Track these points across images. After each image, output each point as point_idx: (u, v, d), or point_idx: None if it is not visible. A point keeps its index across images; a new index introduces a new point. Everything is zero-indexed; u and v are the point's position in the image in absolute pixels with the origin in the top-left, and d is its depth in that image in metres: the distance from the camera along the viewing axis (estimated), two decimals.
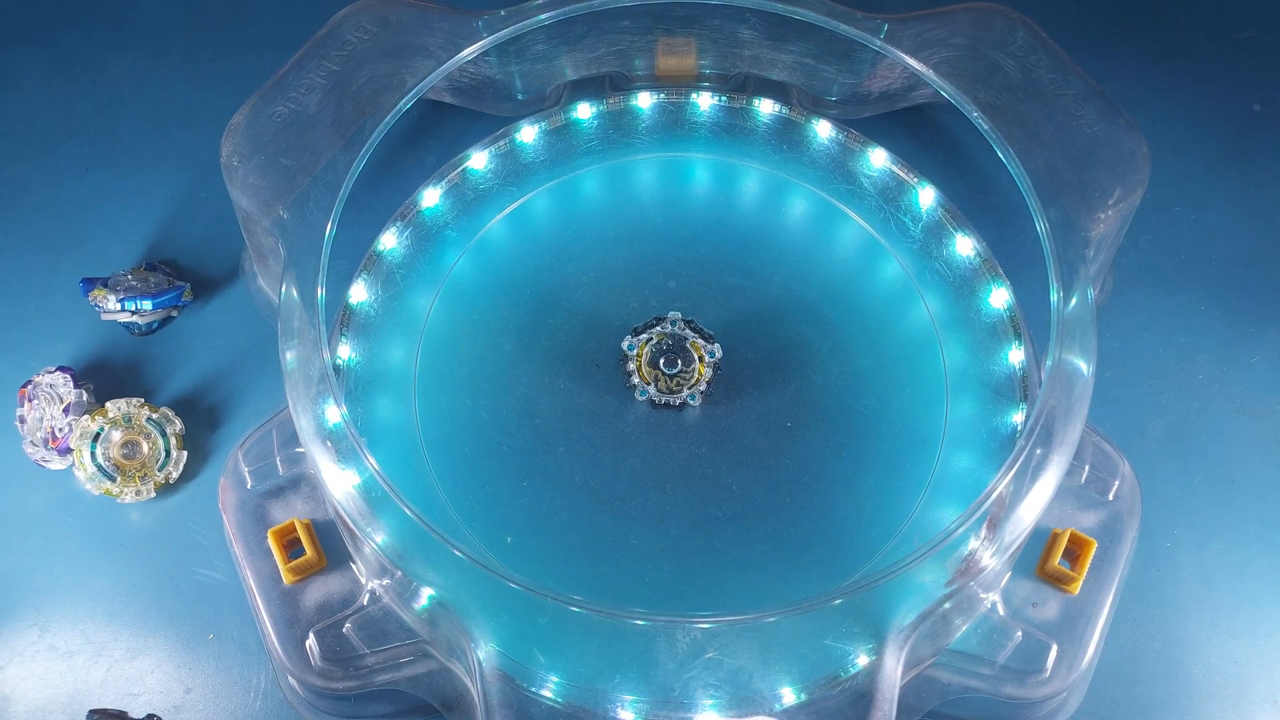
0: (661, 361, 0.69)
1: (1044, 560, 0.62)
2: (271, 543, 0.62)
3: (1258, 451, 0.71)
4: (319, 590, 0.62)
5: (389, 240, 0.74)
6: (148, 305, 0.72)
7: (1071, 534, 0.62)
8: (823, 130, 0.78)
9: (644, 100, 0.79)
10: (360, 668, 0.61)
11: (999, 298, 0.72)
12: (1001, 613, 0.62)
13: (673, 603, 0.64)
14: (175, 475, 0.69)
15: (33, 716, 0.64)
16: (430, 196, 0.76)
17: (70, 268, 0.76)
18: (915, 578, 0.57)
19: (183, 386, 0.73)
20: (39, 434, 0.69)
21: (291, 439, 0.63)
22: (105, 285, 0.73)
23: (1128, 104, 0.69)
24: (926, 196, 0.75)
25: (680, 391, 0.69)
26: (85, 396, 0.70)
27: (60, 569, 0.68)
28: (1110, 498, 0.64)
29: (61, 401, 0.69)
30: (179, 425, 0.69)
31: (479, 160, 0.77)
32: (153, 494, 0.69)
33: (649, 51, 0.78)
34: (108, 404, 0.69)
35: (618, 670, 0.57)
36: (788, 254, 0.74)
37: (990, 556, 0.58)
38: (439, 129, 0.81)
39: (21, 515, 0.69)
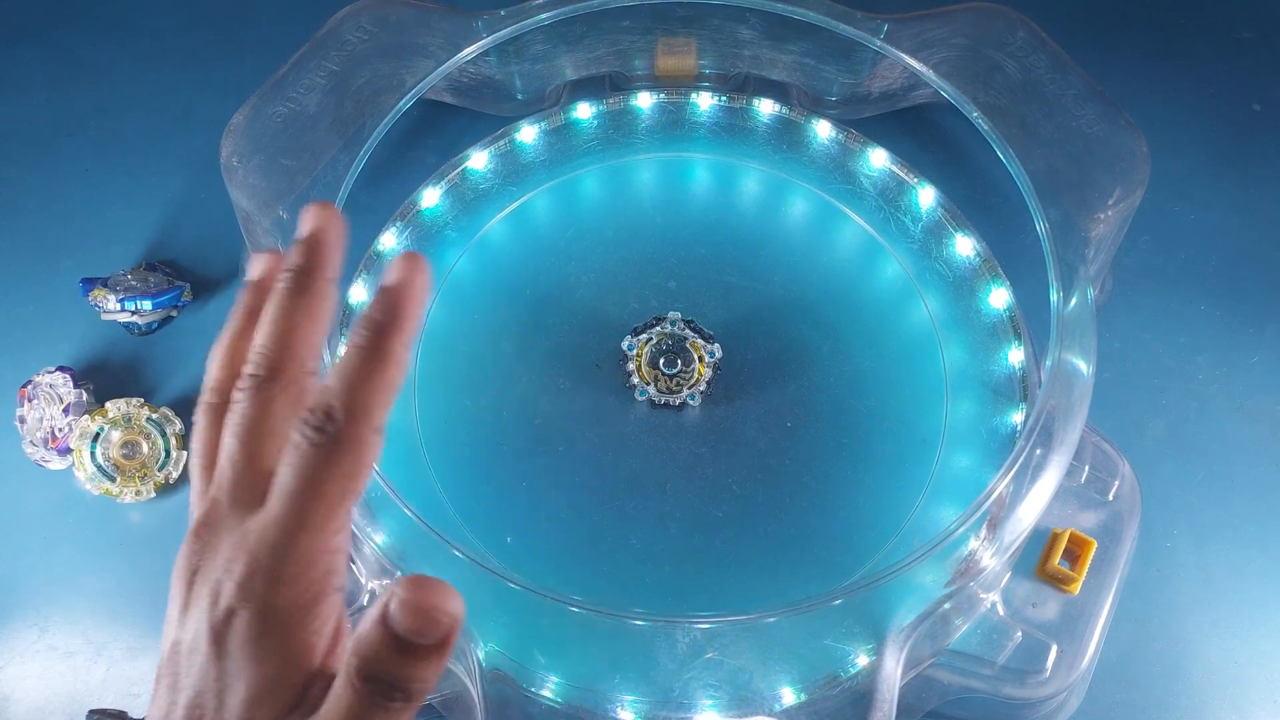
0: (661, 361, 0.69)
1: (1044, 560, 0.62)
2: None
3: (1258, 451, 0.71)
4: None
5: (389, 240, 0.74)
6: (148, 305, 0.72)
7: (1071, 534, 0.62)
8: (823, 130, 0.78)
9: (644, 100, 0.79)
10: None
11: (999, 298, 0.72)
12: (1001, 613, 0.61)
13: (673, 603, 0.64)
14: (175, 475, 0.69)
15: (32, 716, 0.64)
16: (430, 196, 0.76)
17: (70, 268, 0.76)
18: (915, 578, 0.57)
19: (183, 386, 0.72)
20: (39, 434, 0.69)
21: None
22: (105, 285, 0.73)
23: (1128, 104, 0.69)
24: (926, 196, 0.75)
25: (680, 391, 0.69)
26: (85, 396, 0.70)
27: (60, 569, 0.68)
28: (1110, 498, 0.64)
29: (61, 401, 0.69)
30: (179, 425, 0.69)
31: (479, 160, 0.77)
32: (153, 494, 0.69)
33: (649, 51, 0.78)
34: (107, 404, 0.69)
35: (618, 670, 0.57)
36: (788, 254, 0.74)
37: (990, 556, 0.58)
38: (439, 129, 0.81)
39: (21, 515, 0.69)
